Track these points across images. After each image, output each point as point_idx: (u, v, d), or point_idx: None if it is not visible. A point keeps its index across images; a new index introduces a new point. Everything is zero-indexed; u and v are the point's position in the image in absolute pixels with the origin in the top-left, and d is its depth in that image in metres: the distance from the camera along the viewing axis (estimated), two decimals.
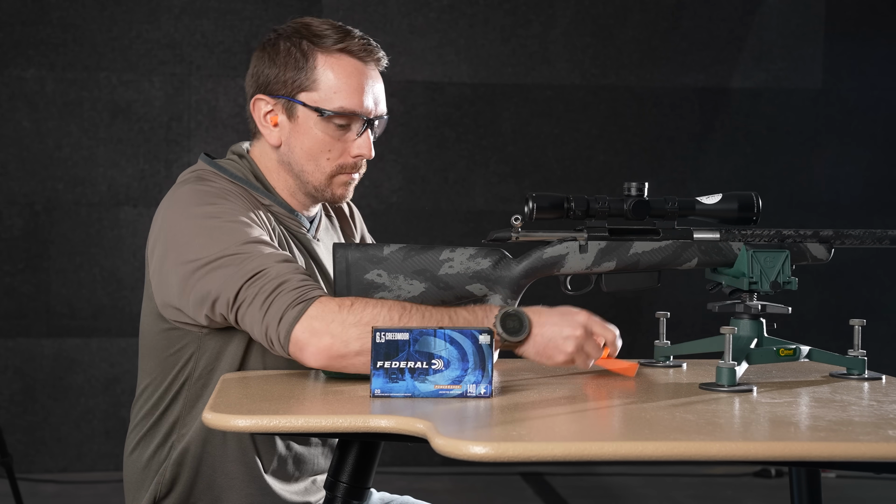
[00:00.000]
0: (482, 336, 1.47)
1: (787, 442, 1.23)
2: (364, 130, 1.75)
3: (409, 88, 4.45)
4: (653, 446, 1.21)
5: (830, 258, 1.74)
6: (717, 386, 1.58)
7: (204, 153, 1.80)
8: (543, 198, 1.66)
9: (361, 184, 4.47)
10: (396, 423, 1.31)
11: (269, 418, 1.30)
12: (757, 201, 1.70)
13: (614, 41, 4.60)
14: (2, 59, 4.20)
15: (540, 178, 4.55)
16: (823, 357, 1.73)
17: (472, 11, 4.49)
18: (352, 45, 1.74)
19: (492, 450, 1.18)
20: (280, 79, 1.72)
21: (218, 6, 4.33)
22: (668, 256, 1.70)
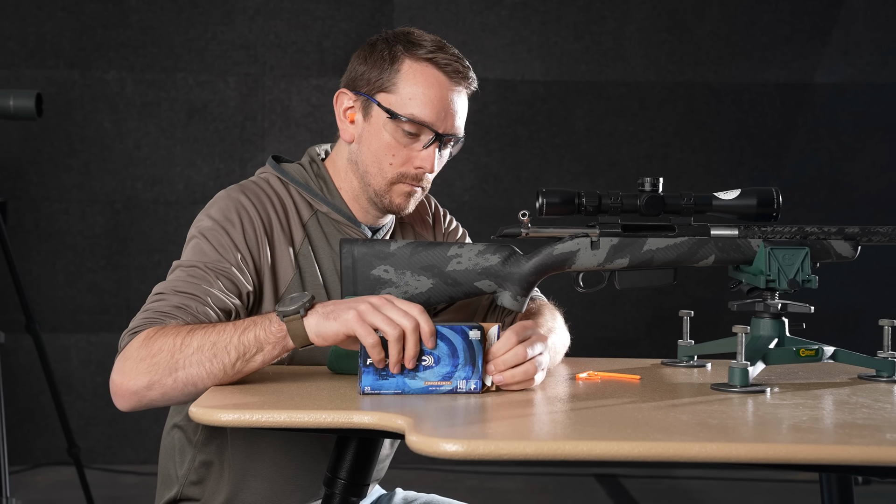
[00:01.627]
0: (472, 332, 1.45)
1: (770, 444, 1.19)
2: (431, 144, 1.73)
3: (481, 87, 4.39)
4: (628, 446, 1.18)
5: (857, 256, 1.67)
6: (730, 386, 1.53)
7: (272, 156, 1.83)
8: (554, 193, 1.63)
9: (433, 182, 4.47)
10: (377, 420, 1.30)
11: (252, 413, 1.31)
12: (777, 197, 1.64)
13: (691, 37, 4.51)
14: (84, 61, 4.32)
15: (614, 177, 4.49)
16: (850, 358, 1.67)
17: (544, 8, 4.46)
18: (440, 59, 1.72)
19: (463, 447, 1.16)
20: (366, 76, 1.73)
21: (291, 7, 4.38)
22: (683, 253, 1.65)
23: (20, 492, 3.95)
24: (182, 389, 1.46)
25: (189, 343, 1.46)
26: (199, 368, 1.45)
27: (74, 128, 4.33)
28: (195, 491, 1.69)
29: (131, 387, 1.47)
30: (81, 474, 3.31)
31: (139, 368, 1.46)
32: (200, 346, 1.45)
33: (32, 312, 3.24)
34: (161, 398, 1.47)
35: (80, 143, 4.33)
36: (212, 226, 1.67)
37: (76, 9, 4.32)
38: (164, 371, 1.45)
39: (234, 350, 1.45)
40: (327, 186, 1.79)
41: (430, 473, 4.27)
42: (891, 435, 1.24)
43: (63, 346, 4.33)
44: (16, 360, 4.25)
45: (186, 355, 1.45)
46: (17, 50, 4.30)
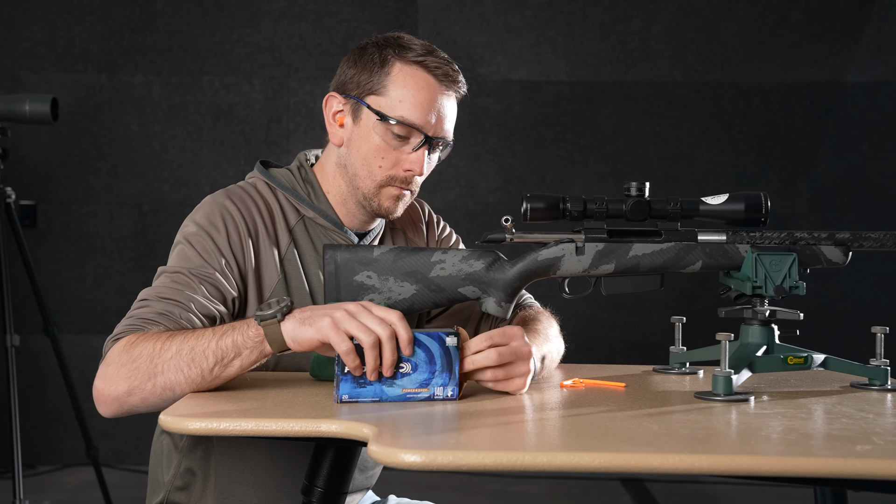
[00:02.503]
0: (449, 338, 1.44)
1: (728, 455, 1.17)
2: (421, 146, 1.73)
3: (506, 87, 4.42)
4: (588, 458, 1.16)
5: (848, 262, 1.64)
6: (713, 395, 1.51)
7: (260, 161, 1.84)
8: (538, 198, 1.62)
9: (458, 184, 4.48)
10: (343, 429, 1.29)
11: (219, 421, 1.31)
12: (765, 202, 1.61)
13: (719, 36, 4.46)
14: (112, 65, 4.37)
15: (640, 177, 4.42)
16: (841, 366, 1.64)
17: (569, 8, 4.43)
18: (430, 62, 1.72)
19: (421, 458, 1.16)
20: (355, 80, 1.74)
21: (315, 9, 4.40)
22: (669, 259, 1.63)
23: (49, 492, 4.00)
24: (161, 395, 1.46)
25: (168, 348, 1.46)
26: (178, 374, 1.45)
27: (102, 131, 4.37)
28: (181, 496, 1.70)
29: (112, 392, 1.47)
30: (100, 475, 3.34)
31: (120, 374, 1.47)
32: (178, 352, 1.46)
33: (50, 315, 3.27)
34: (141, 404, 1.48)
35: (107, 146, 4.38)
36: (196, 231, 1.68)
37: (104, 13, 4.37)
38: (143, 376, 1.46)
39: (212, 355, 1.45)
40: (314, 191, 1.79)
41: (455, 477, 4.27)
42: (861, 447, 1.22)
43: (92, 347, 4.38)
44: (45, 361, 4.30)
45: (165, 360, 1.45)
46: (47, 54, 4.36)
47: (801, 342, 1.67)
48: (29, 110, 2.93)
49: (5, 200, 3.10)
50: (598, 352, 4.43)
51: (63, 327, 4.32)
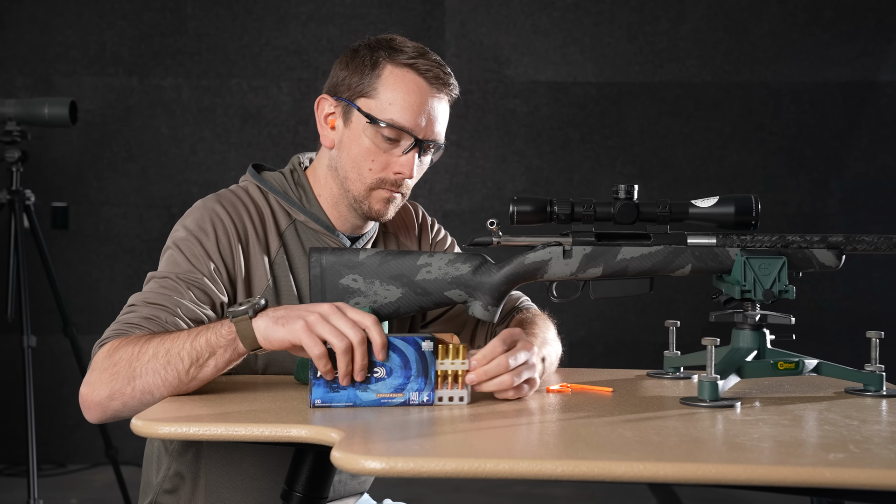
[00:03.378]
0: (425, 343, 1.44)
1: (693, 464, 1.15)
2: (411, 149, 1.72)
3: (533, 89, 4.40)
4: (550, 465, 1.15)
5: (841, 265, 1.61)
6: (699, 400, 1.49)
7: (252, 165, 1.84)
8: (525, 201, 1.61)
9: (484, 185, 4.47)
10: (312, 433, 1.29)
11: (189, 426, 1.31)
12: (756, 204, 1.58)
13: (748, 35, 4.41)
14: (143, 68, 4.41)
15: (669, 179, 4.41)
16: (834, 371, 1.61)
17: (597, 10, 4.40)
18: (421, 65, 1.72)
19: (383, 465, 1.15)
20: (346, 82, 1.74)
21: (343, 12, 4.41)
22: (658, 262, 1.61)
23: (76, 490, 4.05)
24: (140, 398, 1.47)
25: (145, 351, 1.47)
26: (155, 376, 1.46)
27: (133, 133, 4.42)
28: (169, 499, 1.70)
29: (95, 398, 1.48)
30: (119, 475, 3.37)
31: (102, 379, 1.48)
32: (155, 354, 1.46)
33: (69, 316, 3.31)
34: (123, 408, 1.49)
35: (137, 149, 4.42)
36: (185, 236, 1.69)
37: (135, 17, 4.41)
38: (123, 381, 1.47)
39: (188, 356, 1.46)
40: (306, 195, 1.79)
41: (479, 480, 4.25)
42: (834, 455, 1.19)
43: None
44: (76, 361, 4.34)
45: (142, 363, 1.46)
46: (80, 58, 4.41)
47: (797, 347, 1.64)
48: (48, 114, 2.97)
49: (25, 202, 3.14)
50: (627, 354, 4.40)
51: (93, 328, 4.37)
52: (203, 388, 1.53)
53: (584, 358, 4.39)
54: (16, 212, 3.11)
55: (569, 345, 3.68)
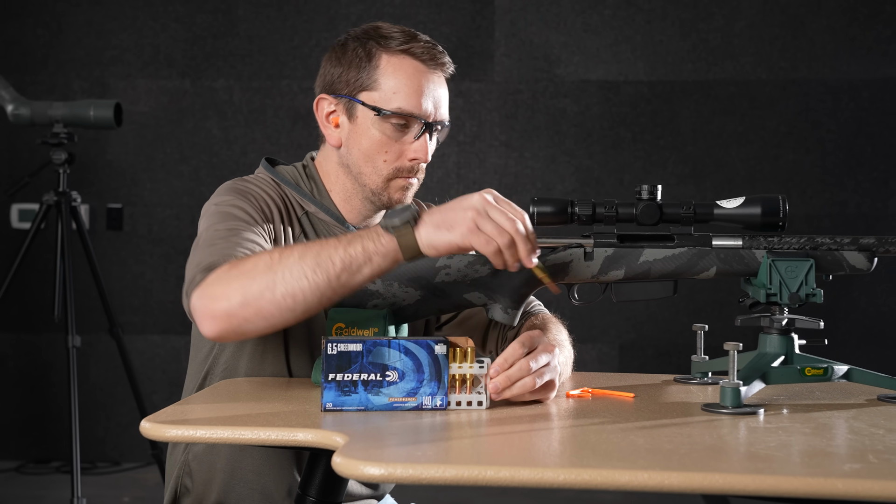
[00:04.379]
0: (438, 346, 1.41)
1: (699, 473, 1.11)
2: (422, 133, 1.72)
3: (583, 88, 4.35)
4: (552, 473, 1.13)
5: (873, 268, 1.56)
6: (720, 407, 1.45)
7: (265, 158, 1.84)
8: (546, 202, 1.58)
9: (534, 186, 4.43)
10: (317, 438, 1.28)
11: (196, 429, 1.30)
12: (783, 205, 1.54)
13: (806, 31, 4.31)
14: (195, 70, 4.45)
15: (722, 179, 4.34)
16: (865, 378, 1.56)
17: (649, 7, 4.34)
18: (415, 48, 1.72)
19: (382, 471, 1.13)
20: (343, 78, 1.73)
21: (392, 12, 4.41)
22: (682, 265, 1.57)
23: (129, 488, 4.10)
24: (280, 304, 1.42)
25: (289, 255, 1.44)
26: (301, 280, 1.42)
27: (185, 135, 4.46)
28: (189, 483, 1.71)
29: (222, 307, 1.43)
30: (164, 475, 3.40)
31: (231, 287, 1.43)
32: (301, 257, 1.43)
33: (114, 317, 3.35)
34: (255, 316, 1.43)
35: (190, 150, 4.46)
36: (222, 200, 1.67)
37: (188, 20, 4.45)
38: (261, 286, 1.42)
39: (340, 261, 1.43)
40: (317, 187, 1.79)
41: None
42: (850, 466, 1.15)
43: (174, 347, 4.47)
44: (133, 360, 4.39)
45: (286, 266, 1.43)
46: (134, 61, 4.47)
47: (831, 353, 1.59)
48: (93, 116, 3.00)
49: (71, 204, 3.18)
50: (679, 357, 4.33)
51: (146, 328, 4.43)
52: (219, 390, 1.52)
53: (635, 361, 4.33)
54: (62, 213, 3.15)
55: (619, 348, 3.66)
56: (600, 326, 4.35)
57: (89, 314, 4.13)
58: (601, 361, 4.37)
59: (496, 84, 4.38)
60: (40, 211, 3.24)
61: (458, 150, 4.41)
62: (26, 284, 4.20)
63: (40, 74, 4.46)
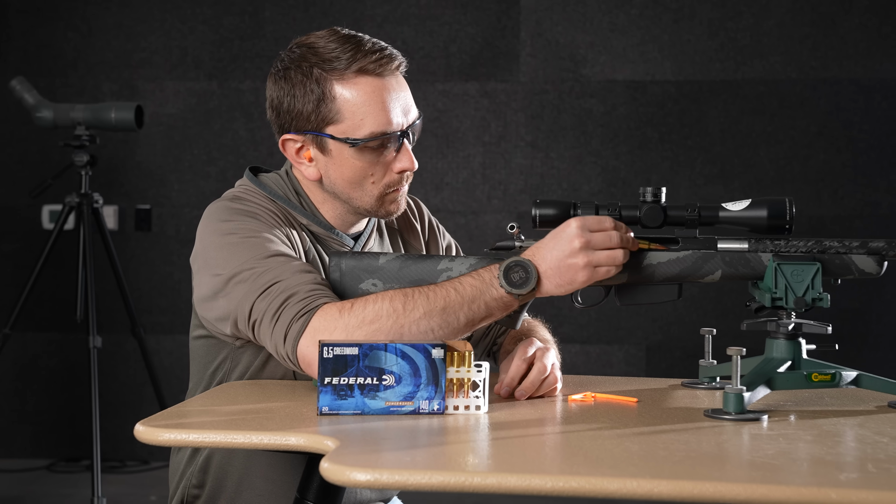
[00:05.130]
0: (435, 350, 1.40)
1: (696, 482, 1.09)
2: (401, 145, 1.68)
3: (610, 88, 4.32)
4: (539, 480, 1.11)
5: (883, 272, 1.52)
6: (724, 413, 1.43)
7: (249, 168, 1.79)
8: (547, 204, 1.56)
9: (559, 186, 4.40)
10: (308, 442, 1.27)
11: (190, 433, 1.30)
12: (790, 207, 1.51)
13: (837, 30, 4.25)
14: (222, 72, 4.47)
15: (751, 179, 4.29)
16: (876, 384, 1.53)
17: (676, 6, 4.30)
18: (365, 64, 1.63)
19: (370, 477, 1.12)
20: (303, 114, 1.65)
21: (418, 13, 4.40)
22: (687, 268, 1.55)
23: (157, 487, 4.12)
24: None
25: (413, 307, 1.48)
26: (428, 335, 1.48)
27: (212, 136, 4.48)
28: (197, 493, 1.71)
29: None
30: None
31: (357, 336, 1.45)
32: (428, 313, 1.48)
33: (136, 317, 3.36)
34: None
35: (217, 151, 4.48)
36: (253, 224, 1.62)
37: (215, 22, 4.47)
38: (387, 337, 1.46)
39: (465, 318, 1.49)
40: (303, 199, 1.75)
41: None
42: (847, 475, 1.12)
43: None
44: (160, 360, 4.42)
45: (413, 320, 1.47)
46: (162, 63, 4.49)
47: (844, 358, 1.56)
48: (114, 118, 3.02)
49: (93, 205, 3.20)
50: None
51: (175, 328, 4.45)
52: (218, 393, 1.52)
53: (662, 363, 4.29)
54: (84, 214, 3.17)
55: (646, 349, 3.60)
56: (627, 328, 4.32)
57: (116, 314, 4.15)
58: (628, 363, 4.33)
59: (522, 84, 4.36)
60: (63, 212, 3.26)
61: (484, 151, 4.39)
62: (58, 285, 4.24)
63: (71, 77, 4.50)
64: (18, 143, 4.45)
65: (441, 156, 4.41)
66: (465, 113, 4.40)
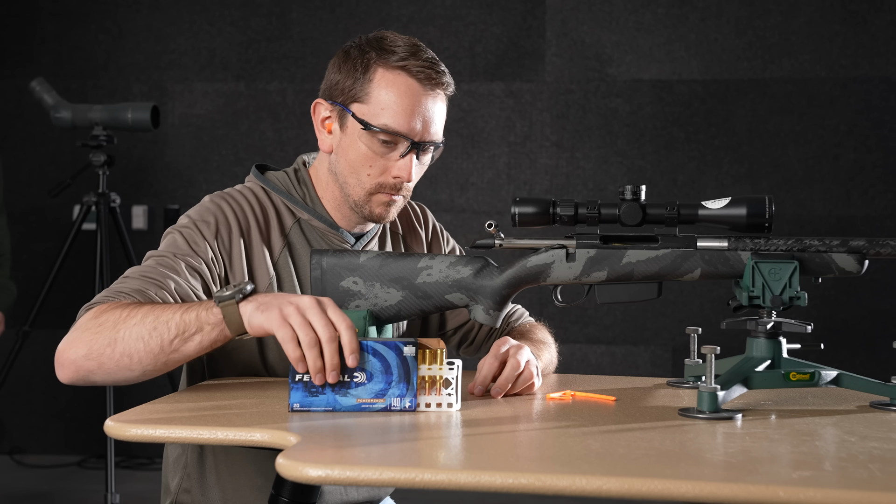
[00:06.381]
0: (406, 348, 1.40)
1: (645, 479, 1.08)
2: (408, 153, 1.69)
3: (636, 88, 4.30)
4: (489, 476, 1.10)
5: (864, 270, 1.50)
6: (697, 412, 1.42)
7: (255, 165, 1.83)
8: (527, 202, 1.56)
9: (585, 186, 4.39)
10: (272, 438, 1.28)
11: (156, 428, 1.31)
12: (769, 206, 1.49)
13: (867, 27, 4.19)
14: (250, 73, 4.51)
15: (779, 179, 4.24)
16: (856, 383, 1.51)
17: (703, 5, 4.27)
18: (413, 66, 1.67)
19: (324, 473, 1.13)
20: (340, 85, 1.71)
21: (443, 13, 4.41)
22: (666, 266, 1.54)
23: None
24: (118, 362, 1.46)
25: (132, 315, 1.46)
26: (138, 342, 1.45)
27: (240, 137, 4.52)
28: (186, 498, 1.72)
29: (70, 355, 1.47)
30: None
31: (82, 338, 1.47)
32: (142, 320, 1.45)
33: None
34: (98, 369, 1.47)
35: (244, 152, 4.52)
36: (187, 223, 1.70)
37: (243, 24, 4.52)
38: (104, 341, 1.46)
39: (175, 327, 1.44)
40: (309, 193, 1.78)
41: None
42: (799, 474, 1.11)
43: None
44: None
45: (128, 326, 1.45)
46: (191, 65, 4.54)
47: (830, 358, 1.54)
48: (131, 118, 3.06)
49: (110, 205, 3.24)
50: None
51: None
52: (195, 390, 1.54)
53: None
54: (101, 213, 3.22)
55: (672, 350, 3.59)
56: (653, 329, 4.29)
57: None
58: (654, 364, 4.30)
59: (547, 84, 4.35)
60: (81, 212, 3.31)
61: (509, 151, 4.39)
62: (87, 283, 4.30)
63: (102, 79, 4.56)
64: (51, 143, 4.52)
65: (466, 156, 4.42)
66: (490, 113, 4.39)
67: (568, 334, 4.29)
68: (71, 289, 4.17)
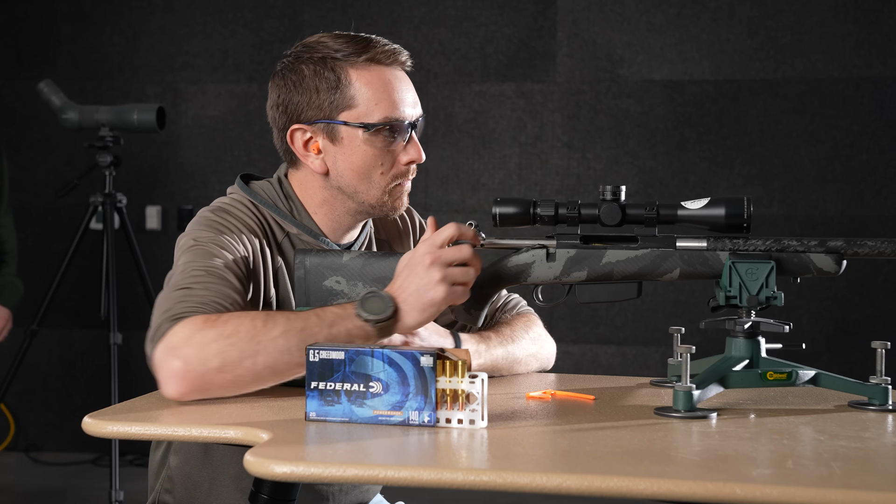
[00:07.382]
0: (424, 358, 1.33)
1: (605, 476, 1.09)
2: (410, 135, 1.71)
3: (647, 88, 4.29)
4: (450, 474, 1.12)
5: (842, 271, 1.50)
6: (673, 411, 1.42)
7: (240, 176, 1.79)
8: (507, 202, 1.57)
9: (595, 187, 4.37)
10: (245, 435, 1.29)
11: (132, 426, 1.33)
12: (748, 206, 1.50)
13: (881, 27, 4.17)
14: (262, 74, 4.54)
15: (791, 180, 4.22)
16: (835, 383, 1.51)
17: (715, 5, 4.26)
18: (377, 54, 1.70)
19: (287, 469, 1.14)
20: (314, 104, 1.68)
21: (455, 14, 4.42)
22: (645, 266, 1.55)
23: None
24: (259, 374, 1.43)
25: (273, 326, 1.43)
26: (285, 355, 1.43)
27: (252, 138, 4.55)
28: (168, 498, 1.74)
29: (198, 369, 1.41)
30: None
31: (210, 350, 1.41)
32: (286, 331, 1.43)
33: None
34: (230, 383, 1.44)
35: (257, 153, 4.55)
36: (211, 235, 1.63)
37: (255, 25, 4.55)
38: (241, 353, 1.42)
39: (324, 339, 1.44)
40: (295, 206, 1.74)
41: None
42: (759, 472, 1.12)
43: None
44: None
45: (270, 338, 1.43)
46: (204, 66, 4.58)
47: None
48: (137, 119, 3.09)
49: (116, 205, 3.27)
50: None
51: None
52: None
53: None
54: (107, 214, 3.25)
55: None
56: (664, 329, 4.28)
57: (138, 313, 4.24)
58: (664, 364, 4.28)
59: (558, 85, 4.36)
60: (88, 212, 3.34)
61: (520, 152, 4.39)
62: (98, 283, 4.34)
63: (116, 80, 4.60)
64: (66, 144, 4.57)
65: (477, 157, 4.43)
66: (501, 114, 4.40)
67: (579, 335, 4.29)
68: (79, 289, 4.20)
